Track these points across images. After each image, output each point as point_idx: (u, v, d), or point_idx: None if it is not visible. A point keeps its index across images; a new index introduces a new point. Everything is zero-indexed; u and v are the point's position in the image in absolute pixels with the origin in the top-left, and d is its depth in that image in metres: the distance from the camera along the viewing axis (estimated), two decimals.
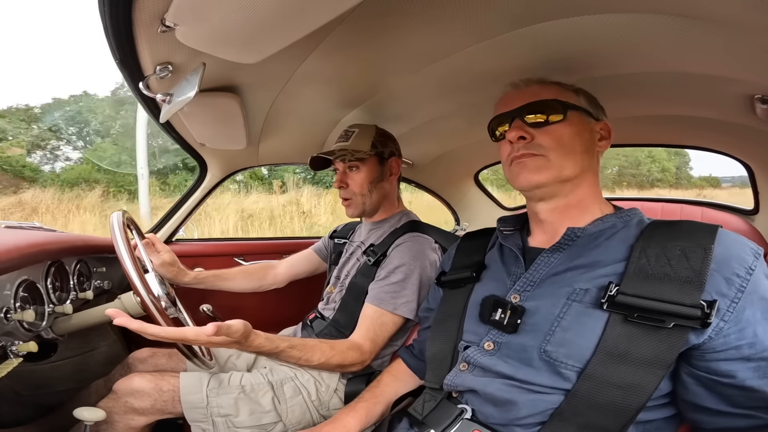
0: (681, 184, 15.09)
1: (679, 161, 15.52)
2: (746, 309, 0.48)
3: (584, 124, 0.66)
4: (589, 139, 0.66)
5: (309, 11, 0.53)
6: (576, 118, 0.66)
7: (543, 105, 0.65)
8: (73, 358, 1.25)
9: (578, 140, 0.64)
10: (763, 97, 0.79)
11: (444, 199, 2.05)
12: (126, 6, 0.55)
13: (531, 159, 0.64)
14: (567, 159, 0.63)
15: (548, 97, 0.66)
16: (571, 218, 0.66)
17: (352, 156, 1.06)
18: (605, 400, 0.50)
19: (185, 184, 10.06)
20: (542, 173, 0.64)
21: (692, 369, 0.51)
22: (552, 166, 0.63)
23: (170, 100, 0.77)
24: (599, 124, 0.69)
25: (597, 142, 0.68)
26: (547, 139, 0.64)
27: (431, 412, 0.67)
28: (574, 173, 0.64)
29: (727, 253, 0.51)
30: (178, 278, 1.25)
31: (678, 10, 0.59)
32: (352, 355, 0.94)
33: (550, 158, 0.63)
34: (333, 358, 0.91)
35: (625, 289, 0.53)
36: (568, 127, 0.64)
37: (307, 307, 1.28)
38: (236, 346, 0.75)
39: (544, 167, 0.64)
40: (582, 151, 0.65)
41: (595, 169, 0.68)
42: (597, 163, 0.69)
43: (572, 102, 0.66)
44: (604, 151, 0.70)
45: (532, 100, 0.66)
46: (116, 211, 0.94)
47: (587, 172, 0.66)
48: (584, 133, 0.66)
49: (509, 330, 0.61)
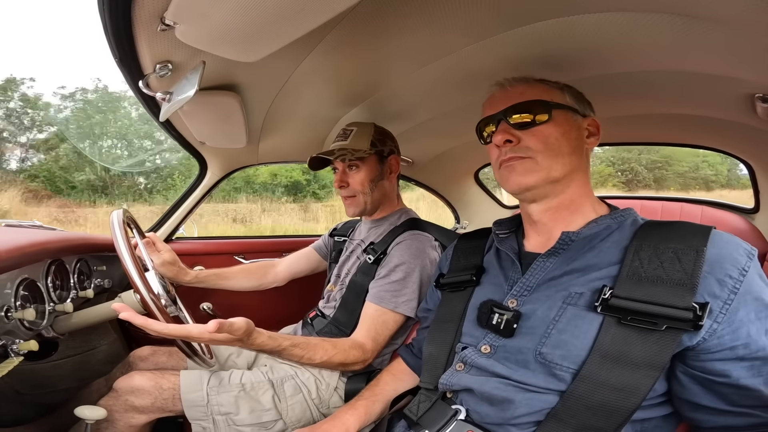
0: (731, 185, 15.87)
1: (731, 163, 16.26)
2: (739, 310, 0.49)
3: (571, 122, 0.66)
4: (577, 137, 0.66)
5: (308, 10, 0.53)
6: (562, 117, 0.65)
7: (528, 106, 0.65)
8: (73, 357, 1.25)
9: (565, 140, 0.64)
10: (764, 96, 0.79)
11: (444, 198, 2.06)
12: (125, 4, 0.55)
13: (519, 162, 0.64)
14: (555, 160, 0.63)
15: (533, 98, 0.65)
16: (564, 219, 0.66)
17: (353, 155, 1.06)
18: (600, 401, 0.51)
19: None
20: (531, 176, 0.63)
21: (688, 368, 0.52)
22: (540, 168, 0.63)
23: (170, 99, 0.77)
24: (586, 121, 0.68)
25: (585, 139, 0.67)
26: (534, 140, 0.64)
27: (426, 413, 0.68)
28: (562, 173, 0.63)
29: (719, 254, 0.51)
30: (178, 277, 1.25)
31: (679, 9, 0.59)
32: (354, 354, 0.94)
33: (537, 160, 0.63)
34: (335, 356, 0.91)
35: (618, 292, 0.53)
36: (554, 127, 0.64)
37: (307, 305, 1.28)
38: (238, 344, 0.74)
39: (532, 170, 0.63)
40: (570, 150, 0.64)
41: (585, 167, 0.68)
42: (586, 161, 0.68)
43: (557, 101, 0.66)
44: (593, 148, 0.69)
45: (517, 101, 0.65)
46: (116, 210, 0.94)
47: (577, 171, 0.65)
48: (571, 132, 0.65)
49: (506, 334, 0.62)
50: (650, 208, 1.36)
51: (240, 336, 0.71)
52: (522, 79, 0.69)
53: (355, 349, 0.94)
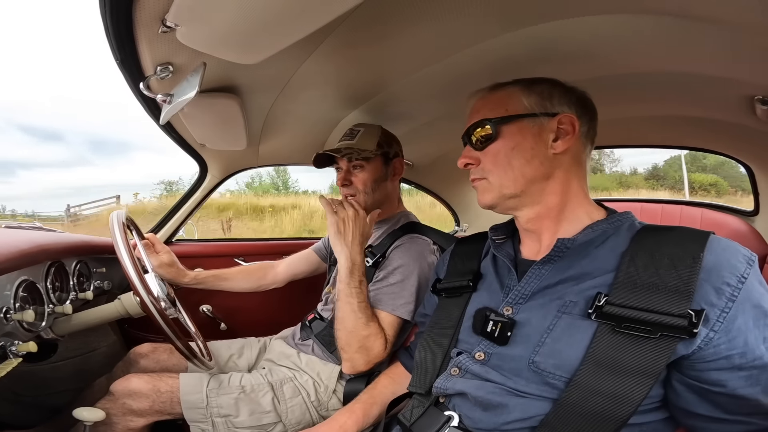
0: None
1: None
2: (737, 318, 0.47)
3: (525, 131, 0.63)
4: (534, 145, 0.62)
5: (309, 12, 0.53)
6: (514, 128, 0.63)
7: (478, 126, 0.66)
8: (73, 359, 1.25)
9: (518, 152, 0.62)
10: (764, 98, 0.79)
11: (444, 200, 2.06)
12: (126, 6, 0.55)
13: (479, 183, 0.67)
14: (506, 177, 0.63)
15: (482, 117, 0.66)
16: (550, 227, 0.65)
17: (359, 155, 1.06)
18: (593, 409, 0.50)
19: None
20: (486, 195, 0.66)
21: (683, 377, 0.51)
22: (492, 187, 0.65)
23: (170, 101, 0.77)
24: (553, 121, 0.62)
25: (551, 143, 0.62)
26: (486, 159, 0.65)
27: (419, 419, 0.67)
28: (517, 188, 0.63)
29: (717, 261, 0.50)
30: (177, 279, 1.25)
31: (678, 11, 0.59)
32: (380, 342, 0.93)
33: (490, 180, 0.65)
34: (367, 331, 0.92)
35: (613, 299, 0.52)
36: (503, 143, 0.64)
37: (306, 307, 1.28)
38: (361, 241, 0.97)
39: (487, 189, 0.66)
40: (524, 162, 0.62)
41: (564, 171, 0.63)
42: (566, 164, 0.63)
43: (512, 111, 0.63)
44: (563, 149, 0.62)
45: (474, 120, 0.67)
46: (116, 211, 0.94)
47: (545, 179, 0.63)
48: (525, 142, 0.62)
49: (500, 341, 0.61)
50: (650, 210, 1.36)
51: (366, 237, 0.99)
52: (485, 90, 0.69)
53: (381, 338, 0.94)
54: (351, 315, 0.91)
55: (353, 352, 0.92)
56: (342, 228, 0.96)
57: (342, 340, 0.93)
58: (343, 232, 0.96)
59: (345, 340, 0.92)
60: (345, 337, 0.92)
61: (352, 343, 0.91)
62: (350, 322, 0.91)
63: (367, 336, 0.91)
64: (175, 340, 0.85)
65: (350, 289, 0.92)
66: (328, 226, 0.99)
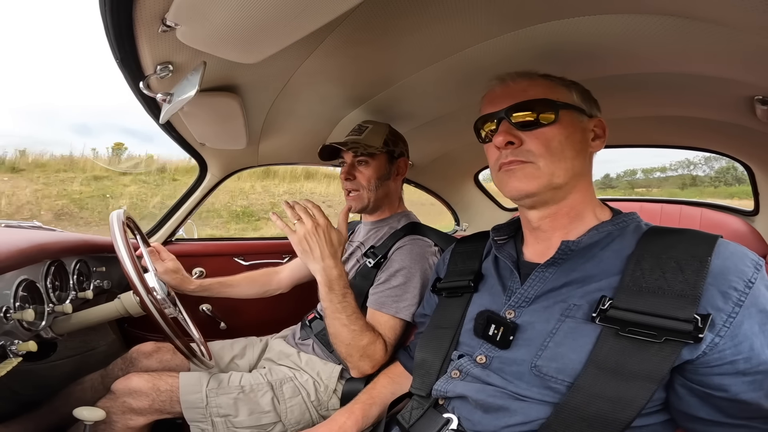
0: None
1: None
2: (744, 323, 0.47)
3: (576, 124, 0.61)
4: (582, 140, 0.62)
5: (309, 11, 0.53)
6: (568, 118, 0.60)
7: (532, 104, 0.60)
8: (72, 358, 1.25)
9: (569, 144, 0.60)
10: (764, 98, 0.79)
11: (444, 200, 2.06)
12: (126, 5, 0.55)
13: (520, 166, 0.60)
14: (558, 165, 0.59)
15: (538, 96, 0.60)
16: (564, 226, 0.63)
17: (365, 150, 1.05)
18: (595, 413, 0.50)
19: None
20: (532, 182, 0.59)
21: (686, 381, 0.50)
22: (542, 174, 0.59)
23: (170, 100, 0.77)
24: (593, 122, 0.64)
25: (590, 142, 0.63)
26: (537, 144, 0.59)
27: (418, 421, 0.67)
28: (565, 180, 0.60)
29: (724, 265, 0.49)
30: (182, 286, 1.25)
31: (678, 11, 0.59)
32: (380, 350, 0.93)
33: (539, 165, 0.59)
34: (365, 340, 0.91)
35: (617, 303, 0.51)
36: (558, 130, 0.59)
37: (306, 307, 1.28)
38: (332, 252, 0.90)
39: (533, 175, 0.59)
40: (573, 155, 0.60)
41: (589, 171, 0.64)
42: (590, 165, 0.65)
43: (563, 99, 0.61)
44: (597, 151, 0.65)
45: (520, 100, 0.60)
46: (116, 210, 0.94)
47: (580, 176, 0.62)
48: (576, 135, 0.61)
49: (502, 345, 0.60)
50: (650, 210, 1.36)
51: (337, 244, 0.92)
52: (525, 74, 0.64)
53: (381, 343, 0.94)
54: (343, 329, 0.90)
55: (357, 360, 0.92)
56: (306, 246, 0.89)
57: (342, 353, 0.94)
58: (309, 250, 0.89)
59: (345, 352, 0.93)
60: (345, 350, 0.92)
61: (353, 354, 0.92)
62: (345, 336, 0.91)
63: (365, 345, 0.91)
64: (174, 339, 0.85)
65: (334, 305, 0.90)
66: (293, 245, 0.91)
